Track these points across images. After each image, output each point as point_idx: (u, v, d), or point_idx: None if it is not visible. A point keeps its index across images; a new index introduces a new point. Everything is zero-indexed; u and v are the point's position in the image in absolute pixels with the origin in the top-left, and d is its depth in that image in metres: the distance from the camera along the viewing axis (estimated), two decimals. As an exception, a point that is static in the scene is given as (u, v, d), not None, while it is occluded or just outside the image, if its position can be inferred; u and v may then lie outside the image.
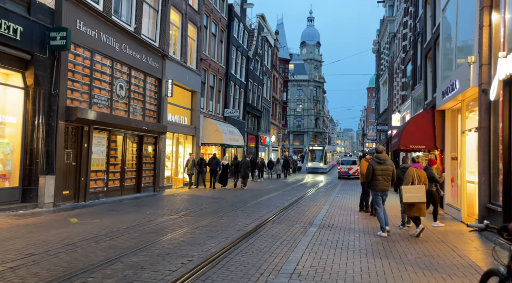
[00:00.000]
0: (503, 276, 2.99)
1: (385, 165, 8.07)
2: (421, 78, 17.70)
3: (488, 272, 3.26)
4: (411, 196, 7.92)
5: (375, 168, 8.08)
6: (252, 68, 31.72)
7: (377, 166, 8.09)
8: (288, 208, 12.73)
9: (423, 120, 12.99)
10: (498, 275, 3.07)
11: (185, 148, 20.01)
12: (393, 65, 30.48)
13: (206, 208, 11.95)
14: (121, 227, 8.41)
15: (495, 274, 3.15)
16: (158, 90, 16.59)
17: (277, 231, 8.58)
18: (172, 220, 9.57)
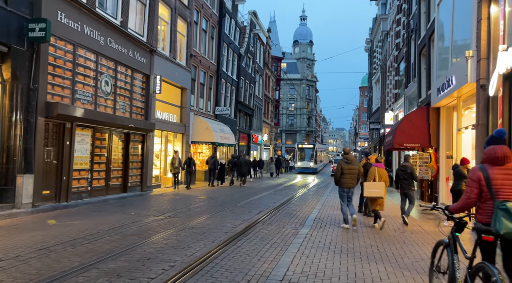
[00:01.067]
0: (446, 244, 3.96)
1: (351, 165, 8.84)
2: (415, 75, 17.43)
3: (437, 243, 4.24)
4: (372, 192, 8.83)
5: (343, 167, 8.83)
6: (244, 66, 31.28)
7: (345, 165, 8.85)
8: (279, 208, 12.35)
9: (417, 118, 12.69)
10: (443, 244, 4.05)
11: (174, 146, 19.52)
12: (385, 63, 30.26)
13: (194, 209, 11.51)
14: (102, 229, 7.94)
15: (441, 244, 4.11)
16: (146, 87, 16.08)
17: (267, 233, 8.18)
18: (157, 222, 9.12)
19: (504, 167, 3.53)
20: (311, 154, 38.86)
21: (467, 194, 3.64)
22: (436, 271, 4.14)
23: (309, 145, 41.07)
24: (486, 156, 3.64)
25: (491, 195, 3.47)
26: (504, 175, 3.50)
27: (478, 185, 3.55)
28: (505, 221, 3.24)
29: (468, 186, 3.65)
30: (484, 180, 3.53)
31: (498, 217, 3.30)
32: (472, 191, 3.59)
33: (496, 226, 3.30)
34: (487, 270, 3.20)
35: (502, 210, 3.29)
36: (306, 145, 41.15)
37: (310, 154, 39.00)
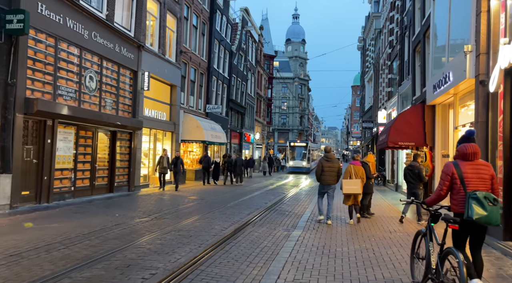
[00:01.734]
0: (424, 233, 4.44)
1: (331, 163, 9.30)
2: (409, 73, 17.16)
3: (416, 233, 4.73)
4: (349, 188, 9.24)
5: (323, 165, 9.31)
6: (236, 63, 30.82)
7: (325, 163, 9.32)
8: (271, 208, 11.96)
9: (412, 116, 12.38)
10: (421, 234, 4.55)
11: (163, 145, 19.02)
12: (378, 61, 30.03)
13: (182, 210, 11.06)
14: (81, 232, 7.47)
15: (420, 233, 4.61)
16: (134, 83, 15.56)
17: (258, 236, 7.78)
18: (142, 224, 8.67)
19: (473, 162, 4.00)
20: (304, 153, 36.69)
21: (440, 187, 4.09)
22: (416, 257, 4.71)
23: (301, 143, 38.82)
24: (458, 153, 4.08)
25: (463, 186, 3.92)
26: (473, 170, 3.97)
27: (450, 178, 4.01)
28: (476, 208, 3.73)
29: (442, 179, 4.09)
30: (456, 173, 3.98)
31: (470, 205, 3.77)
32: (444, 184, 4.04)
33: (469, 213, 3.77)
34: (452, 253, 3.71)
35: (474, 199, 3.77)
36: (299, 143, 38.79)
37: (302, 153, 36.82)
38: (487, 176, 4.00)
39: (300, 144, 38.34)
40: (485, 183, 3.96)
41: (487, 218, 3.74)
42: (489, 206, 3.73)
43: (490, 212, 3.72)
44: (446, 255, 3.86)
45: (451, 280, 3.73)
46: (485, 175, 3.99)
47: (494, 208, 3.74)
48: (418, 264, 4.62)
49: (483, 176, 3.98)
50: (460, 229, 3.94)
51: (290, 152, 37.31)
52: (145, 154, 17.72)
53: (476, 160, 4.01)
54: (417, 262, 4.63)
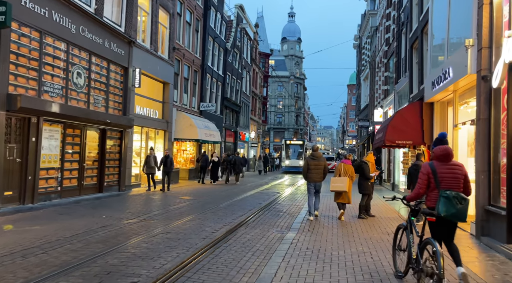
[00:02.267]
0: (404, 227, 4.83)
1: (318, 161, 9.59)
2: (406, 70, 16.86)
3: (397, 227, 5.11)
4: (336, 186, 9.56)
5: (310, 163, 9.61)
6: (231, 61, 30.42)
7: (312, 161, 9.61)
8: (265, 209, 11.60)
9: (410, 113, 12.07)
10: (402, 227, 4.96)
11: (155, 144, 18.60)
12: (375, 59, 29.75)
13: (173, 210, 10.68)
14: (63, 235, 7.07)
15: (401, 227, 5.02)
16: (124, 80, 15.13)
17: (250, 238, 7.42)
18: (129, 226, 8.28)
19: (447, 163, 4.32)
20: (300, 152, 34.80)
21: (419, 185, 4.42)
22: (398, 249, 5.10)
23: (298, 141, 37.09)
24: (434, 154, 4.40)
25: (437, 185, 4.27)
26: (447, 170, 4.29)
27: (427, 177, 4.33)
28: (446, 206, 4.10)
29: (420, 178, 4.42)
30: (432, 173, 4.30)
31: (441, 202, 4.13)
32: (423, 182, 4.37)
33: (439, 210, 4.15)
34: (430, 243, 4.10)
35: (444, 197, 4.14)
36: (295, 141, 37.11)
37: (299, 151, 35.04)
38: (460, 176, 4.32)
39: (297, 142, 36.60)
40: (458, 182, 4.30)
41: (454, 215, 4.13)
42: (457, 205, 4.11)
43: (458, 211, 4.12)
44: (425, 245, 4.29)
45: (429, 268, 4.11)
46: (458, 175, 4.32)
47: (462, 207, 4.13)
48: (400, 256, 5.09)
49: (457, 176, 4.31)
50: (435, 222, 4.31)
51: (286, 150, 35.57)
52: (137, 153, 17.29)
53: (449, 160, 4.35)
54: (399, 254, 5.09)
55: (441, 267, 3.86)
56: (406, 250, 4.73)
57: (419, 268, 4.28)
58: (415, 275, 4.41)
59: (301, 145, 35.66)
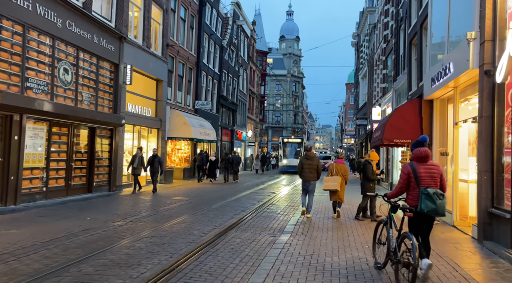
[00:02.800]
0: (385, 222, 5.18)
1: (311, 161, 9.88)
2: (404, 67, 16.46)
3: (377, 223, 5.48)
4: (328, 185, 9.78)
5: (303, 163, 9.92)
6: (227, 59, 29.97)
7: (305, 161, 9.91)
8: (259, 210, 11.20)
9: (408, 111, 11.66)
10: (383, 223, 5.30)
11: (148, 143, 18.17)
12: (373, 57, 29.35)
13: (162, 212, 10.26)
14: (41, 240, 6.65)
15: (381, 223, 5.37)
16: (115, 77, 14.70)
17: (240, 242, 7.01)
18: (114, 229, 7.86)
19: (426, 163, 4.68)
20: (299, 150, 32.13)
21: (400, 184, 4.78)
22: (378, 243, 5.47)
23: (296, 139, 34.66)
24: (414, 155, 4.76)
25: (417, 184, 4.58)
26: (426, 170, 4.64)
27: (407, 177, 4.67)
28: (428, 202, 4.41)
29: (401, 178, 4.77)
30: (412, 173, 4.64)
31: (423, 200, 4.44)
32: (404, 182, 4.72)
33: (422, 206, 4.44)
34: (407, 237, 4.42)
35: (425, 194, 4.45)
36: (293, 139, 34.61)
37: (297, 150, 32.53)
38: (436, 175, 4.68)
39: (295, 140, 34.23)
40: (435, 180, 4.65)
41: (435, 210, 4.46)
42: (437, 200, 4.44)
43: (438, 206, 4.44)
44: (402, 239, 4.62)
45: (406, 259, 4.45)
46: (435, 174, 4.67)
47: (441, 202, 4.45)
48: (380, 249, 5.47)
49: (434, 175, 4.66)
50: (412, 219, 4.67)
51: (283, 149, 33.03)
52: (130, 152, 16.86)
53: (427, 161, 4.71)
54: (379, 247, 5.46)
55: (416, 258, 4.22)
56: (386, 243, 5.10)
57: (397, 260, 4.61)
58: (393, 266, 4.75)
59: (300, 143, 33.28)
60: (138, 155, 14.49)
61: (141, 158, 14.51)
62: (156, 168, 14.88)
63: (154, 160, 14.96)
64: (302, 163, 9.97)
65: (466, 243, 7.16)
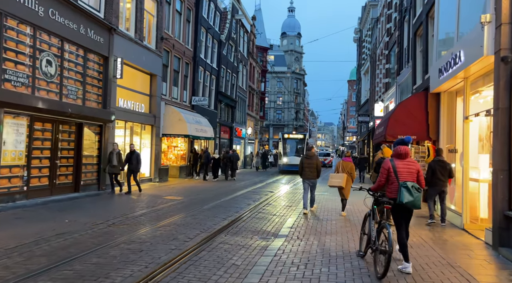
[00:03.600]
0: (368, 214, 5.71)
1: (311, 160, 10.18)
2: (409, 60, 15.72)
3: (365, 215, 5.89)
4: (333, 181, 9.77)
5: (304, 162, 10.25)
6: (225, 54, 29.21)
7: (305, 160, 10.24)
8: (254, 210, 10.51)
9: (413, 105, 10.93)
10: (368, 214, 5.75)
11: (142, 139, 17.49)
12: (375, 52, 28.57)
13: (149, 213, 9.59)
14: (6, 246, 5.97)
15: (368, 215, 5.76)
16: (104, 70, 13.99)
17: (227, 249, 6.33)
18: (91, 232, 7.18)
19: (404, 160, 5.17)
20: (301, 148, 28.55)
21: (380, 178, 5.23)
22: (362, 233, 5.84)
23: (298, 135, 31.63)
24: (394, 152, 5.26)
25: (396, 178, 5.06)
26: (404, 166, 5.13)
27: (387, 172, 5.14)
28: (406, 194, 4.90)
29: (381, 172, 5.22)
30: (392, 168, 5.12)
31: (402, 192, 4.92)
32: (383, 176, 5.19)
33: (401, 198, 4.92)
34: (385, 227, 4.90)
35: (404, 187, 4.93)
36: (294, 134, 31.79)
37: (299, 147, 29.09)
38: (414, 170, 5.14)
39: (296, 136, 31.12)
40: (412, 175, 5.11)
41: (413, 202, 4.90)
42: (414, 193, 4.89)
43: (415, 198, 4.89)
44: (381, 229, 5.00)
45: (383, 247, 4.82)
46: (412, 170, 5.14)
47: (418, 195, 4.91)
48: (363, 239, 5.80)
49: (411, 170, 5.13)
50: (393, 210, 5.15)
51: (284, 146, 29.54)
52: (122, 150, 16.19)
53: (406, 158, 5.18)
54: (363, 237, 5.79)
55: (391, 245, 4.65)
56: (368, 233, 5.53)
57: (376, 248, 5.00)
58: (372, 253, 5.14)
59: (302, 140, 29.81)
60: (115, 152, 12.97)
61: (119, 155, 13.09)
62: (134, 166, 13.32)
63: (131, 157, 13.33)
64: (303, 162, 10.28)
65: (479, 250, 6.45)
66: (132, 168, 13.34)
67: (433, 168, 8.48)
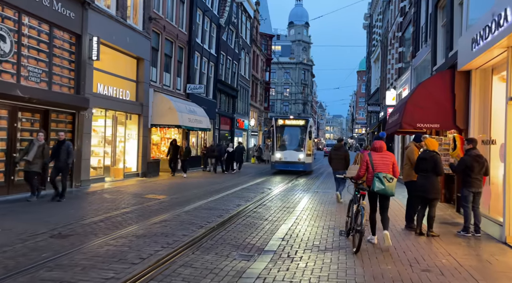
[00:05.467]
0: (351, 200, 6.42)
1: (339, 152, 11.01)
2: (427, 39, 13.73)
3: (349, 201, 6.55)
4: (352, 173, 9.04)
5: (332, 154, 11.19)
6: (225, 39, 27.31)
7: (334, 152, 11.14)
8: (240, 214, 8.75)
9: (436, 87, 8.99)
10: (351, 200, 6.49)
11: (127, 130, 15.80)
12: (387, 36, 26.45)
13: (114, 217, 7.89)
14: None
15: (351, 201, 6.46)
16: (77, 51, 12.26)
17: (190, 274, 4.60)
18: (12, 250, 5.49)
19: (381, 153, 6.10)
20: (302, 139, 20.86)
21: (360, 169, 6.21)
22: (347, 216, 6.62)
23: (298, 120, 22.64)
24: (373, 146, 6.25)
25: (373, 169, 5.99)
26: (380, 158, 6.05)
27: (366, 164, 6.08)
28: (377, 183, 5.82)
29: (361, 164, 6.22)
30: (369, 160, 6.06)
31: (375, 182, 5.85)
32: (362, 167, 6.13)
33: (373, 187, 5.88)
34: (360, 210, 5.76)
35: (377, 177, 5.85)
36: (293, 120, 22.64)
37: (299, 138, 21.03)
38: (389, 162, 6.04)
39: (295, 122, 21.91)
40: (388, 167, 5.99)
41: (384, 190, 5.82)
42: (386, 182, 5.80)
43: (387, 187, 5.80)
44: (358, 212, 5.85)
45: (359, 227, 5.64)
46: (387, 162, 6.04)
47: (390, 184, 5.82)
48: (347, 221, 6.52)
49: (386, 162, 6.03)
50: (370, 197, 6.22)
51: (276, 135, 21.12)
52: (108, 142, 14.57)
53: (382, 151, 6.11)
54: (347, 219, 6.52)
55: (362, 224, 5.55)
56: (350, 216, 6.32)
57: (354, 229, 5.79)
58: (352, 233, 5.95)
59: (303, 128, 20.97)
60: (36, 143, 9.31)
61: (43, 148, 9.39)
62: (63, 161, 9.55)
63: (59, 149, 9.63)
64: (331, 154, 11.23)
65: None
66: (60, 166, 9.55)
67: (468, 164, 6.63)
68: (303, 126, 21.22)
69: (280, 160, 20.56)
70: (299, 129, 21.28)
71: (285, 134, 21.52)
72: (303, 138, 20.95)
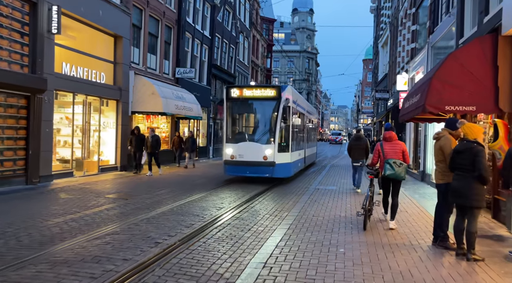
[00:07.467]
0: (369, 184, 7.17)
1: (359, 142, 11.05)
2: (449, 9, 11.58)
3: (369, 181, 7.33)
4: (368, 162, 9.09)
5: (352, 144, 11.23)
6: (221, 21, 25.17)
7: (353, 142, 11.20)
8: (215, 223, 6.83)
9: (472, 57, 6.89)
10: None
11: (103, 117, 13.89)
12: (397, 16, 24.16)
13: (50, 227, 6.01)
14: None
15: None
16: (33, 22, 10.31)
17: None
18: None
19: (391, 142, 6.78)
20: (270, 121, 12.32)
21: (373, 157, 6.99)
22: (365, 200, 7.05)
23: (265, 88, 12.85)
24: (383, 136, 6.95)
25: (384, 157, 6.66)
26: (391, 147, 6.72)
27: (378, 152, 6.86)
28: (388, 169, 6.42)
29: (374, 153, 6.98)
30: (380, 149, 6.81)
31: (385, 167, 6.49)
32: (375, 156, 6.93)
33: (385, 172, 6.51)
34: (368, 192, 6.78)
35: (387, 163, 6.47)
36: (256, 89, 12.97)
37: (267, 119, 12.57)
38: (399, 151, 6.65)
39: (260, 92, 12.57)
40: (397, 155, 6.61)
41: (395, 174, 6.42)
42: (396, 167, 6.40)
43: (397, 171, 6.40)
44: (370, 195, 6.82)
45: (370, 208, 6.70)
46: (397, 150, 6.66)
47: (400, 169, 6.41)
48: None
49: (396, 151, 6.65)
50: (382, 181, 6.92)
51: (232, 116, 13.07)
52: (81, 130, 12.73)
53: (392, 141, 6.78)
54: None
55: (365, 205, 6.38)
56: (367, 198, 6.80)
57: (367, 209, 6.43)
58: (365, 213, 6.38)
59: (274, 102, 12.20)
60: None
61: None
62: None
63: None
64: (351, 145, 11.18)
65: None
66: None
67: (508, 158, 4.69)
68: (273, 99, 12.18)
69: (233, 160, 12.11)
70: (267, 105, 12.39)
71: (242, 113, 13.53)
72: (273, 121, 12.18)
